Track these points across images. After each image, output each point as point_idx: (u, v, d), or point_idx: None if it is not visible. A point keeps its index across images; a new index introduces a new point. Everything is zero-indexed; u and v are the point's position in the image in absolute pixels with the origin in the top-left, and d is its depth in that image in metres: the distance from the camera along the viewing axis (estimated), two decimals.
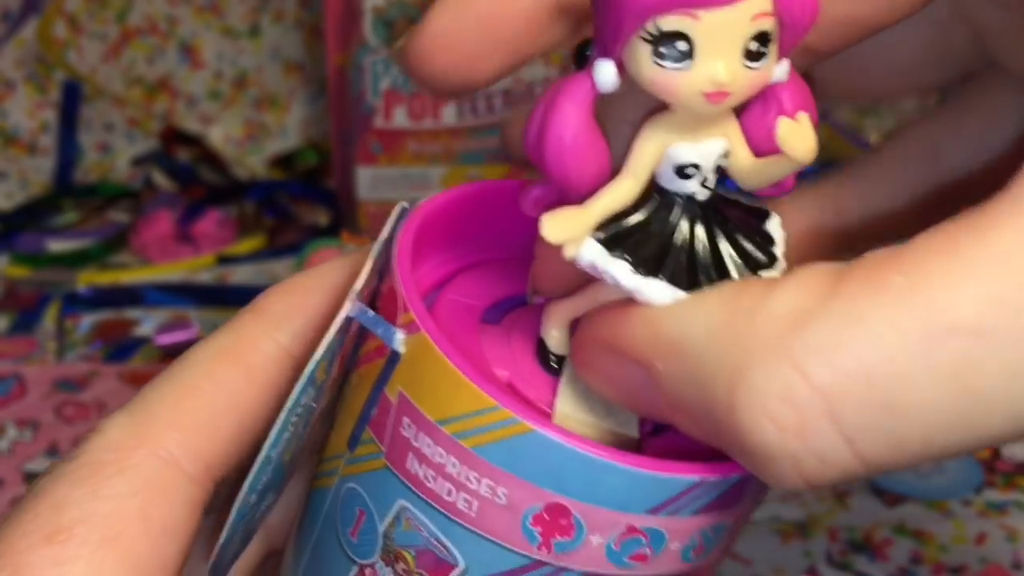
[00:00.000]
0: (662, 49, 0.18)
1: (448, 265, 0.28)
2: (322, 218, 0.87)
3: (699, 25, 0.17)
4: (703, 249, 0.20)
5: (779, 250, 0.21)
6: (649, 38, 0.18)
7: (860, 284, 0.18)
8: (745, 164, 0.20)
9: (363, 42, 0.77)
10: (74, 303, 0.72)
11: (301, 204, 0.90)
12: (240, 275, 0.77)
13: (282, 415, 0.23)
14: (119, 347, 0.68)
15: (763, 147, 0.20)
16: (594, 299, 0.22)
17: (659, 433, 0.24)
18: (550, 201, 0.20)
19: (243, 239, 0.83)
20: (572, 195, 0.20)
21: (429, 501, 0.23)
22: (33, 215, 0.86)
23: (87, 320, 0.71)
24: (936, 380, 0.17)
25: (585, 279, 0.21)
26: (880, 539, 0.53)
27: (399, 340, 0.23)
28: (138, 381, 0.64)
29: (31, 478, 0.54)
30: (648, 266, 0.19)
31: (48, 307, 0.72)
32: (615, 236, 0.20)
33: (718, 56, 0.18)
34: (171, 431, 0.25)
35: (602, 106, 0.19)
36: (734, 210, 0.21)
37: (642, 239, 0.20)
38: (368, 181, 0.80)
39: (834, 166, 0.97)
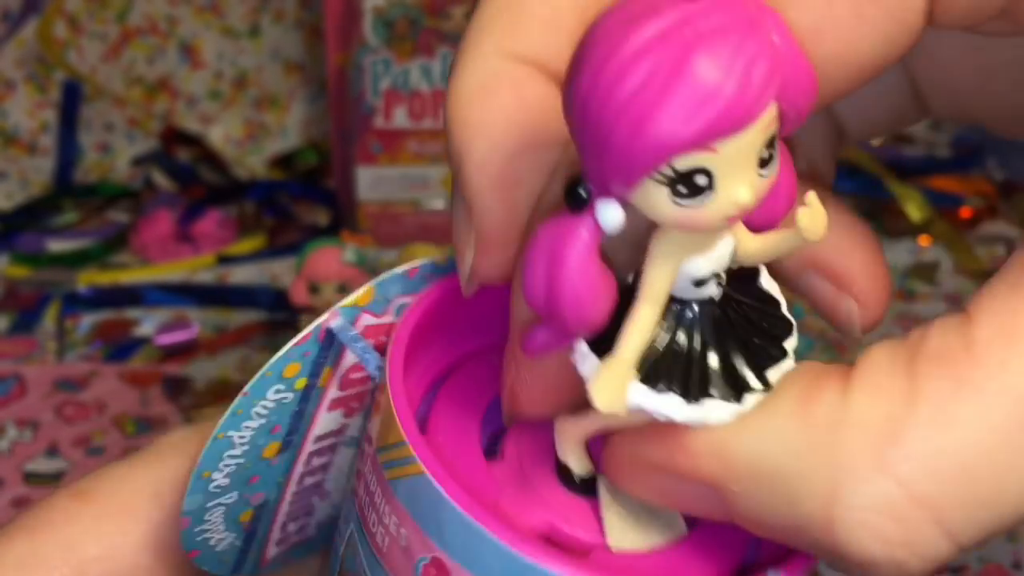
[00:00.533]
0: (680, 188, 0.16)
1: (440, 363, 0.26)
2: (322, 218, 0.87)
3: (717, 157, 0.16)
4: (735, 356, 0.19)
5: (783, 306, 0.20)
6: (664, 180, 0.16)
7: (939, 382, 0.18)
8: (750, 250, 0.19)
9: (363, 42, 0.77)
10: (74, 303, 0.72)
11: (301, 204, 0.90)
12: (240, 275, 0.77)
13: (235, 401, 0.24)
14: (119, 347, 0.68)
15: (763, 226, 0.19)
16: (611, 418, 0.20)
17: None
18: (555, 344, 0.20)
19: (243, 239, 0.83)
20: (584, 335, 0.19)
21: (363, 528, 0.22)
22: (33, 215, 0.86)
23: (87, 320, 0.71)
24: None
25: (582, 397, 0.19)
26: None
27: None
28: (138, 381, 0.64)
29: (31, 478, 0.54)
30: (695, 391, 0.18)
31: (48, 307, 0.72)
32: (651, 369, 0.18)
33: (739, 180, 0.16)
34: None
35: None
36: (740, 290, 0.20)
37: (676, 363, 0.19)
38: (368, 181, 0.80)
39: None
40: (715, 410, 0.18)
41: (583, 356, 0.19)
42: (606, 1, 0.17)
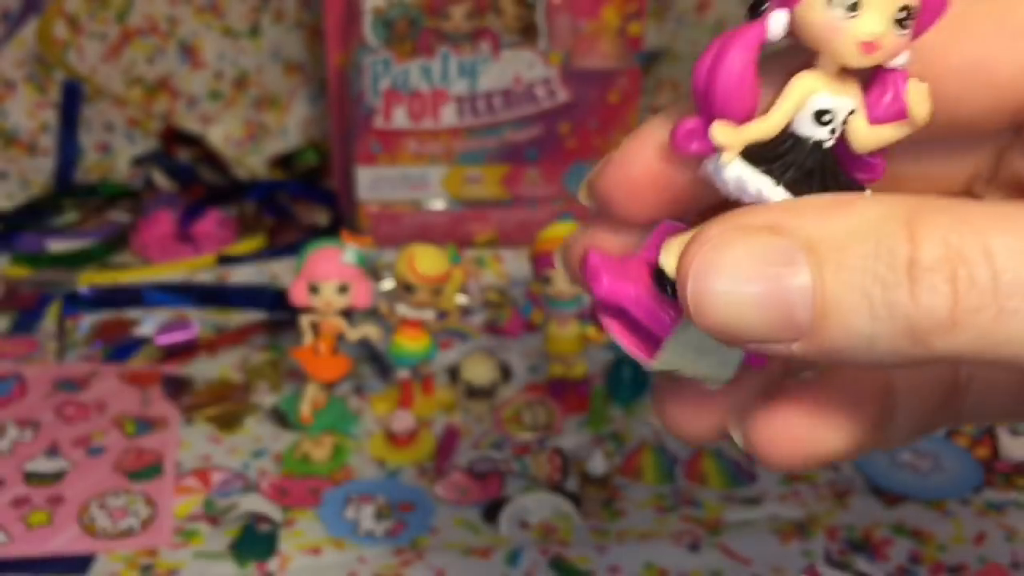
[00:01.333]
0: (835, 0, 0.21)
1: None
2: (322, 218, 0.87)
3: None
4: (826, 175, 0.23)
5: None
6: None
7: None
8: (862, 126, 0.23)
9: (363, 42, 0.77)
10: (74, 303, 0.72)
11: (301, 204, 0.90)
12: (240, 275, 0.77)
13: None
14: (119, 347, 0.68)
15: (879, 120, 0.23)
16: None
17: None
18: (699, 135, 0.23)
19: (243, 239, 0.83)
20: (728, 119, 0.23)
21: None
22: (34, 215, 0.86)
23: (87, 320, 0.71)
24: None
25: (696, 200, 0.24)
26: (879, 538, 0.53)
27: None
28: (138, 381, 0.64)
29: (31, 478, 0.55)
30: (787, 184, 0.22)
31: (48, 307, 0.72)
32: (758, 157, 0.23)
33: (878, 13, 0.21)
34: None
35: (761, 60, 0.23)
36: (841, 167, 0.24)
37: (782, 164, 0.23)
38: (368, 181, 0.80)
39: None
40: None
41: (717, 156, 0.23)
42: None
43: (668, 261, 0.24)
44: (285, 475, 0.56)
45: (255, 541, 0.52)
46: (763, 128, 0.23)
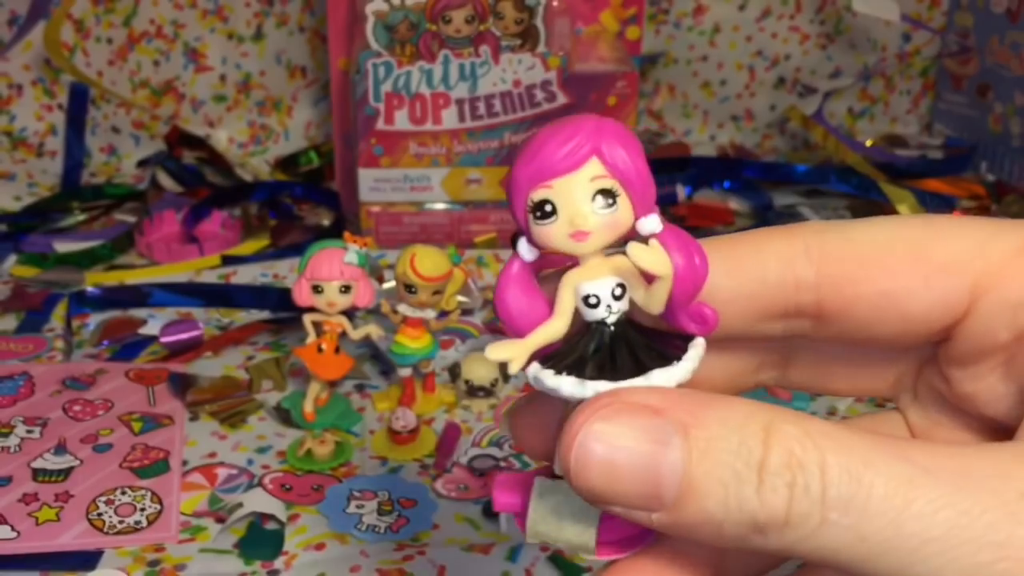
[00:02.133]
0: (538, 213, 0.25)
1: None
2: (325, 219, 0.88)
3: (553, 191, 0.25)
4: (616, 350, 0.25)
5: (690, 355, 0.26)
6: (530, 209, 0.25)
7: None
8: (640, 295, 0.26)
9: (365, 46, 0.78)
10: (81, 303, 0.73)
11: (304, 205, 0.91)
12: (244, 275, 0.78)
13: None
14: (126, 346, 0.68)
15: (651, 282, 0.26)
16: None
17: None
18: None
19: (247, 239, 0.84)
20: (514, 335, 0.26)
21: None
22: (41, 216, 0.87)
23: (94, 319, 0.72)
24: None
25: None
26: None
27: None
28: (144, 379, 0.64)
29: (40, 474, 0.55)
30: (568, 369, 0.25)
31: (56, 307, 0.73)
32: (550, 356, 0.26)
33: (572, 207, 0.24)
34: None
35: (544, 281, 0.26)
36: (649, 333, 0.26)
37: (574, 355, 0.26)
38: (370, 182, 0.81)
39: (829, 166, 0.96)
40: (570, 384, 0.25)
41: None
42: None
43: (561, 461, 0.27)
44: (288, 471, 0.57)
45: (261, 540, 0.52)
46: (548, 331, 0.26)
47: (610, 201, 0.25)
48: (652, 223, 0.25)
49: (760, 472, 0.22)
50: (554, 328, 0.26)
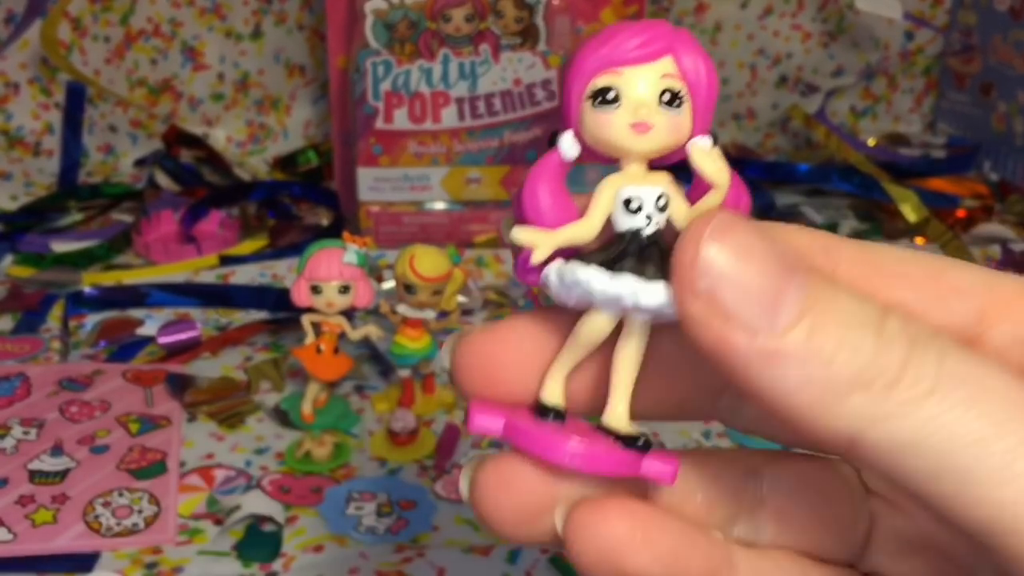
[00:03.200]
0: (598, 99, 0.23)
1: None
2: (324, 218, 0.88)
3: (621, 78, 0.23)
4: (648, 259, 0.24)
5: None
6: (589, 97, 0.24)
7: None
8: (682, 208, 0.24)
9: (364, 44, 0.77)
10: (78, 303, 0.73)
11: (303, 205, 0.90)
12: (242, 275, 0.78)
13: None
14: (123, 346, 0.68)
15: (692, 197, 0.24)
16: (579, 337, 0.25)
17: None
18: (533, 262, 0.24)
19: (245, 239, 0.84)
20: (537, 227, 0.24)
21: None
22: (38, 216, 0.87)
23: (91, 320, 0.71)
24: None
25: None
26: None
27: None
28: (142, 380, 0.64)
29: (36, 476, 0.55)
30: (601, 264, 0.23)
31: (52, 307, 0.73)
32: (592, 258, 0.24)
33: (639, 97, 0.23)
34: None
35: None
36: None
37: (613, 256, 0.24)
38: (369, 182, 0.81)
39: (831, 166, 0.96)
40: (627, 284, 0.23)
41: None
42: None
43: (547, 390, 0.25)
44: (287, 473, 0.57)
45: (259, 542, 0.52)
46: (578, 229, 0.24)
47: (677, 103, 0.23)
48: (707, 143, 0.24)
49: (879, 326, 0.21)
50: (586, 227, 0.24)
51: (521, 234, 0.24)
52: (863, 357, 0.21)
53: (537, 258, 0.24)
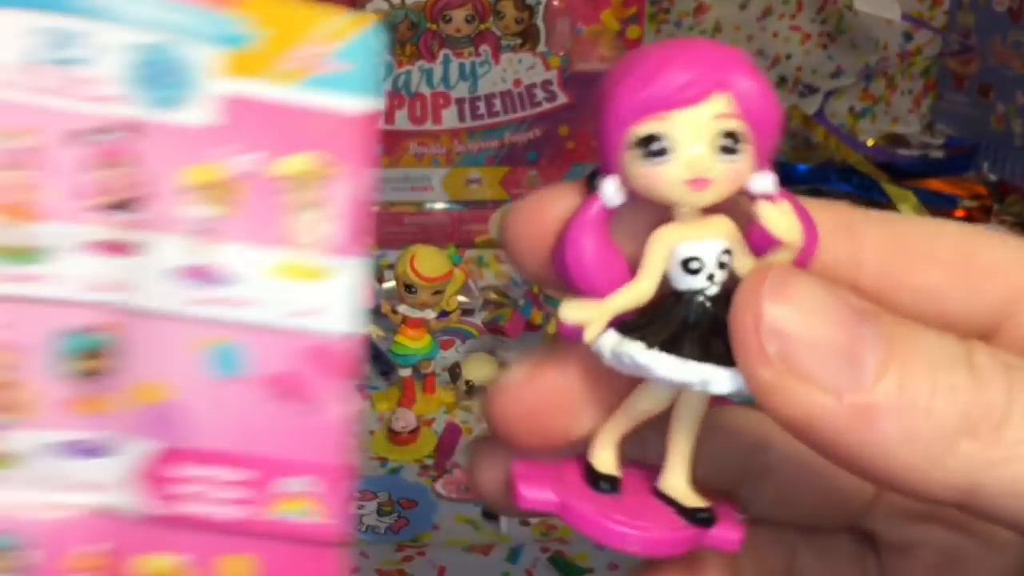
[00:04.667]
0: (644, 151, 0.20)
1: None
2: None
3: (668, 124, 0.20)
4: (713, 325, 0.21)
5: None
6: (633, 145, 0.20)
7: None
8: (747, 265, 0.21)
9: None
10: None
11: None
12: None
13: None
14: None
15: (758, 251, 0.21)
16: (635, 408, 0.23)
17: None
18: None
19: None
20: (589, 295, 0.22)
21: None
22: None
23: None
24: None
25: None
26: None
27: None
28: None
29: None
30: (663, 345, 0.21)
31: None
32: (631, 326, 0.21)
33: (692, 149, 0.20)
34: None
35: (617, 225, 0.21)
36: None
37: (658, 326, 0.21)
38: None
39: (830, 166, 0.96)
40: (674, 364, 0.21)
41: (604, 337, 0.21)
42: None
43: (599, 458, 0.23)
44: None
45: None
46: (630, 295, 0.21)
47: (734, 146, 0.20)
48: (769, 181, 0.21)
49: (968, 361, 0.19)
50: (639, 292, 0.21)
51: (570, 313, 0.21)
52: (963, 399, 0.19)
53: (590, 337, 0.21)
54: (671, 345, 0.21)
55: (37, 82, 0.22)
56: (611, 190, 0.21)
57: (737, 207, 0.21)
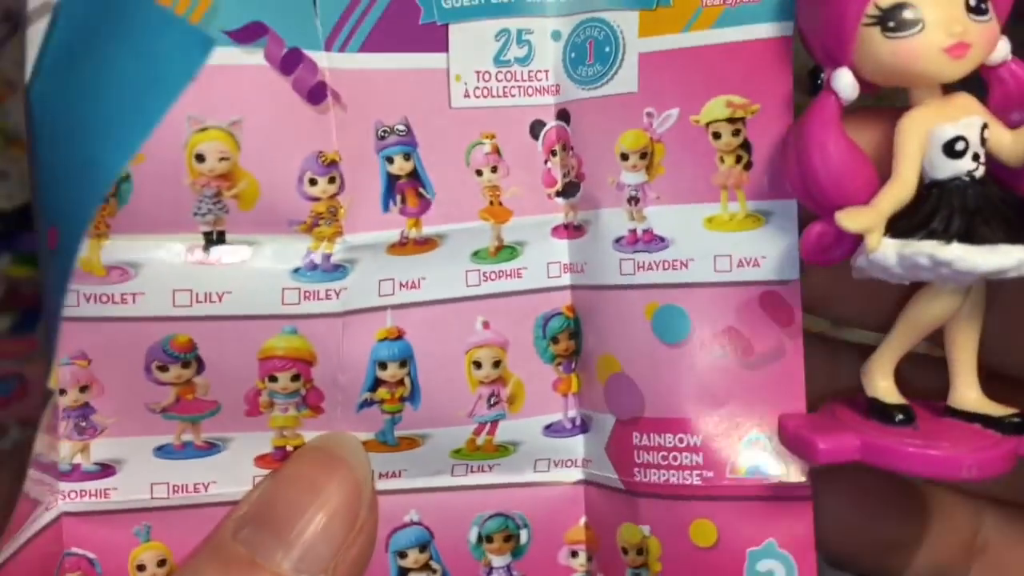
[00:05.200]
0: (890, 23, 0.18)
1: None
2: None
3: None
4: (995, 207, 0.20)
5: None
6: (874, 20, 0.19)
7: None
8: (1006, 138, 0.20)
9: None
10: None
11: None
12: None
13: None
14: None
15: (1017, 120, 0.20)
16: (918, 321, 0.21)
17: None
18: (831, 238, 0.21)
19: None
20: (846, 205, 0.20)
21: None
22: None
23: None
24: None
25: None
26: None
27: None
28: None
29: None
30: (960, 236, 0.19)
31: None
32: (909, 226, 0.20)
33: (944, 11, 0.18)
34: None
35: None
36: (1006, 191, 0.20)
37: (942, 219, 0.20)
38: None
39: None
40: (1009, 255, 0.19)
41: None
42: None
43: (882, 389, 0.22)
44: None
45: None
46: (898, 192, 0.20)
47: (983, 5, 0.19)
48: (1007, 47, 0.20)
49: None
50: (905, 185, 0.20)
51: (850, 221, 0.19)
52: None
53: (874, 244, 0.19)
54: (967, 235, 0.19)
55: (501, 83, 0.24)
56: (845, 82, 0.20)
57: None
